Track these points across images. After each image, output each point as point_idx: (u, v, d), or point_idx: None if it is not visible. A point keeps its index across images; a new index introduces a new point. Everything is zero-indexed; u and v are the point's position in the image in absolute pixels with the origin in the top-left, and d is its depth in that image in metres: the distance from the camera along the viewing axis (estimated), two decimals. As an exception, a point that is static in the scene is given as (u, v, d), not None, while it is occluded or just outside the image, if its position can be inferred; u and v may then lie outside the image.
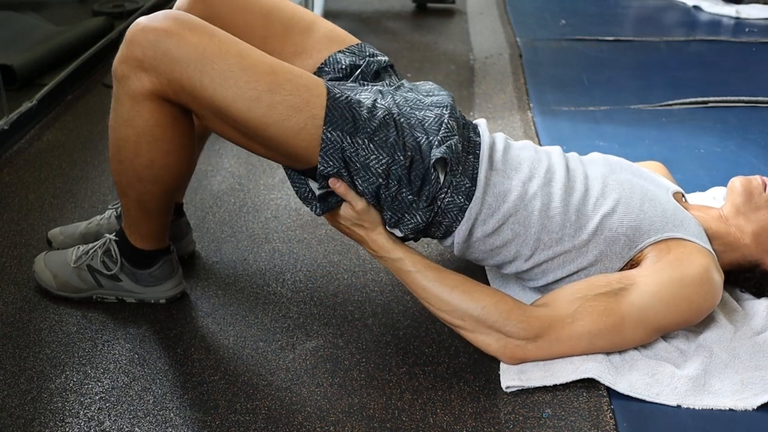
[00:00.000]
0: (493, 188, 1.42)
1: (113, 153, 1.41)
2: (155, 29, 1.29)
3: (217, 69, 1.28)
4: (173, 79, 1.29)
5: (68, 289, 1.58)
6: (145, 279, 1.56)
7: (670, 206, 1.47)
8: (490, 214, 1.42)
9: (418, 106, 1.44)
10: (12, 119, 2.26)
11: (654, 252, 1.40)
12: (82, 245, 1.60)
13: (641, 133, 2.32)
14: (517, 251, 1.45)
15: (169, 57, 1.28)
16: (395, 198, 1.38)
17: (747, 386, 1.32)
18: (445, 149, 1.36)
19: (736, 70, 2.95)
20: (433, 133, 1.39)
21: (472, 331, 1.37)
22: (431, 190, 1.38)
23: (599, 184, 1.46)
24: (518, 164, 1.45)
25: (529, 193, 1.42)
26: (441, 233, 1.45)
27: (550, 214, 1.42)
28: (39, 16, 3.02)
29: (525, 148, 1.50)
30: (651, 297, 1.34)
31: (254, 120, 1.31)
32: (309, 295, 1.65)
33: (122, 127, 1.37)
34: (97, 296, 1.59)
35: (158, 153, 1.38)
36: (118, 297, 1.59)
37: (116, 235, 1.55)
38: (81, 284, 1.57)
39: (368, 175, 1.35)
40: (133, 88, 1.32)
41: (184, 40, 1.28)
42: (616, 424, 1.26)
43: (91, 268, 1.56)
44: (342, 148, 1.32)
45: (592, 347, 1.36)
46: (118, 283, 1.57)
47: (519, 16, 3.58)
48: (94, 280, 1.57)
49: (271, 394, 1.38)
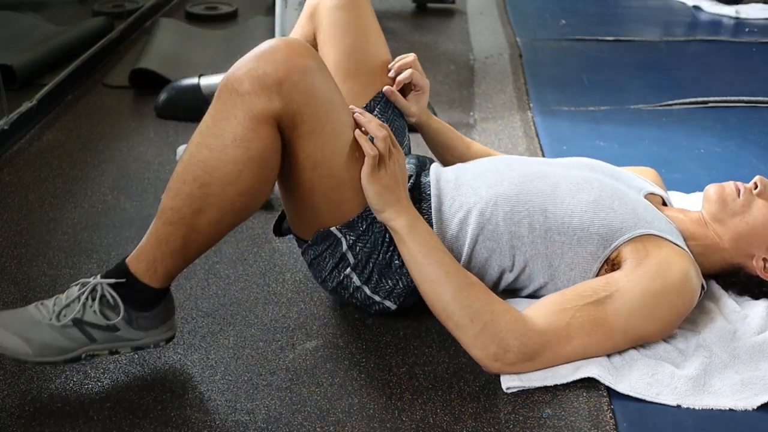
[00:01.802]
0: (450, 219, 1.45)
1: (197, 175, 1.25)
2: (306, 56, 1.26)
3: (339, 120, 1.30)
4: (301, 112, 1.25)
5: (50, 352, 1.31)
6: (146, 322, 1.36)
7: (640, 205, 1.48)
8: (459, 245, 1.45)
9: None
10: (12, 119, 2.26)
11: (633, 253, 1.40)
12: (47, 300, 1.34)
13: (641, 133, 2.32)
14: (499, 266, 1.46)
15: (308, 88, 1.25)
16: (388, 264, 1.43)
17: (747, 386, 1.32)
18: None
19: (736, 70, 2.96)
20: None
21: (474, 336, 1.32)
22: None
23: (566, 183, 1.47)
24: (473, 181, 1.48)
25: (489, 206, 1.44)
26: None
27: (515, 219, 1.43)
28: (39, 16, 3.02)
29: (481, 163, 1.55)
30: (635, 304, 1.35)
31: (340, 178, 1.35)
32: (309, 295, 1.65)
33: (231, 146, 1.24)
34: (86, 354, 1.34)
35: (259, 180, 1.28)
36: (111, 350, 1.35)
37: (111, 276, 1.33)
38: (68, 343, 1.31)
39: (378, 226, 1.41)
40: (260, 107, 1.23)
41: (326, 80, 1.28)
42: (616, 424, 1.26)
43: (80, 322, 1.31)
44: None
45: (586, 356, 1.37)
46: (114, 333, 1.34)
47: (519, 16, 3.58)
48: (85, 335, 1.32)
49: (271, 394, 1.38)
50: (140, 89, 2.68)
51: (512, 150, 2.23)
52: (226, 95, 1.24)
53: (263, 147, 1.25)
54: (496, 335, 1.32)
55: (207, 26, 3.42)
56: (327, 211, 1.40)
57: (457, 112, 2.61)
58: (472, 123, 2.52)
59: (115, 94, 2.69)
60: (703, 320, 1.49)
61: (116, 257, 1.74)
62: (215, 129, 1.24)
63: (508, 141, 2.30)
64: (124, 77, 2.74)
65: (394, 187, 1.37)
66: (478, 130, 2.45)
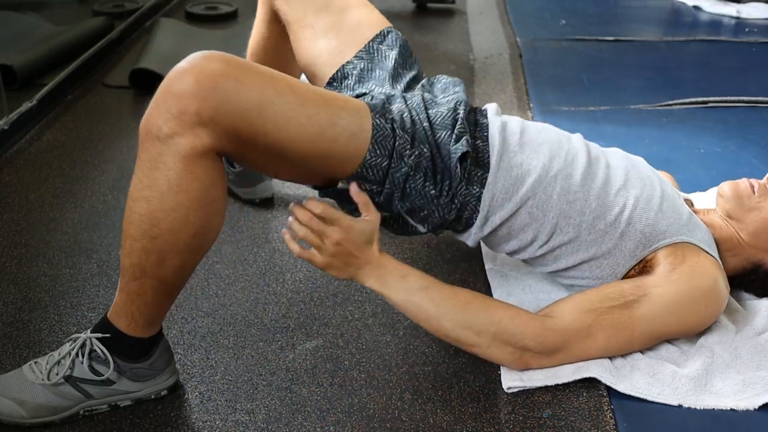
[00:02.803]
0: (507, 171, 1.39)
1: (144, 229, 1.19)
2: (210, 75, 1.15)
3: (278, 110, 1.19)
4: (233, 128, 1.16)
5: (45, 412, 1.29)
6: (143, 373, 1.33)
7: (685, 211, 1.48)
8: (507, 198, 1.39)
9: (433, 104, 1.43)
10: (12, 119, 2.26)
11: (668, 258, 1.39)
12: (39, 359, 1.32)
13: (641, 133, 2.32)
14: (534, 236, 1.42)
15: (230, 105, 1.15)
16: (419, 192, 1.35)
17: (748, 386, 1.32)
18: (464, 144, 1.35)
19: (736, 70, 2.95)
20: (448, 128, 1.38)
21: (487, 347, 1.33)
22: (451, 185, 1.36)
23: (621, 175, 1.45)
24: (537, 146, 1.43)
25: (548, 176, 1.40)
26: (462, 227, 1.43)
27: (569, 199, 1.40)
28: (39, 16, 3.02)
29: (545, 130, 1.49)
30: (662, 309, 1.35)
31: (317, 153, 1.26)
32: (309, 295, 1.65)
33: (168, 195, 1.17)
34: (84, 410, 1.31)
35: (209, 216, 1.22)
36: (111, 404, 1.33)
37: (98, 330, 1.30)
38: (63, 402, 1.29)
39: (401, 164, 1.32)
40: (188, 147, 1.15)
41: (241, 83, 1.16)
42: (616, 424, 1.26)
43: (73, 379, 1.29)
44: (389, 136, 1.30)
45: (602, 357, 1.37)
46: (110, 387, 1.31)
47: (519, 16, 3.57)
48: (80, 391, 1.30)
49: (271, 394, 1.38)
50: (140, 89, 2.68)
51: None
52: (149, 143, 1.17)
53: (201, 185, 1.18)
54: (509, 340, 1.32)
55: (207, 26, 3.42)
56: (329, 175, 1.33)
57: (457, 112, 2.60)
58: (472, 123, 2.52)
59: (115, 94, 2.69)
60: (704, 321, 1.49)
61: (116, 257, 1.75)
62: (147, 180, 1.18)
63: (508, 141, 2.30)
64: (124, 77, 2.74)
65: (349, 258, 1.31)
66: (478, 130, 2.45)
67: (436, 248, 1.83)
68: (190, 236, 1.21)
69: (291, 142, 1.22)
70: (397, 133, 1.32)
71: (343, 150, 1.28)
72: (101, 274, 1.70)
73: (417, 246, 1.82)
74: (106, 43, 2.96)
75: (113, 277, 1.68)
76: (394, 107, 1.38)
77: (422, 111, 1.40)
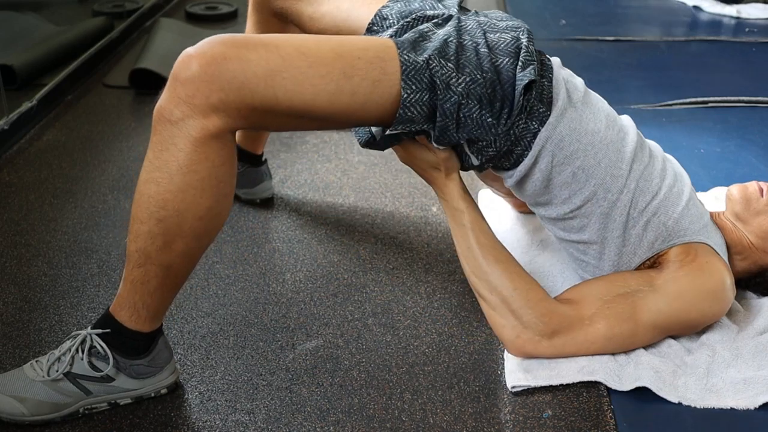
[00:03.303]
0: (567, 122, 1.38)
1: (151, 211, 1.21)
2: (214, 58, 1.17)
3: (287, 77, 1.20)
4: (244, 105, 1.18)
5: (46, 410, 1.29)
6: (143, 370, 1.32)
7: (706, 212, 1.49)
8: (559, 147, 1.37)
9: (493, 29, 1.38)
10: (12, 119, 2.26)
11: (680, 255, 1.40)
12: (41, 357, 1.33)
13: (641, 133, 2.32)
14: (568, 196, 1.41)
15: (236, 84, 1.17)
16: (475, 120, 1.31)
17: (749, 385, 1.32)
18: (531, 72, 1.31)
19: (736, 70, 2.95)
20: (511, 55, 1.33)
21: (493, 308, 1.38)
22: (511, 114, 1.32)
23: (660, 164, 1.46)
24: (597, 110, 1.43)
25: (602, 143, 1.39)
26: (510, 163, 1.41)
27: (614, 173, 1.39)
28: (39, 16, 3.02)
29: (601, 100, 1.49)
30: (667, 305, 1.36)
31: (339, 109, 1.25)
32: (309, 295, 1.65)
33: (177, 176, 1.19)
34: (84, 408, 1.32)
35: (217, 198, 1.23)
36: (110, 402, 1.33)
37: (98, 326, 1.31)
38: (63, 399, 1.29)
39: (449, 94, 1.28)
40: (198, 130, 1.17)
41: (244, 60, 1.18)
42: (616, 424, 1.26)
43: (72, 375, 1.29)
44: (423, 68, 1.27)
45: (604, 350, 1.37)
46: (109, 384, 1.31)
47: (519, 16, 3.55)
48: (80, 388, 1.30)
49: (271, 394, 1.38)
50: (140, 89, 2.68)
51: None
52: (161, 127, 1.19)
53: (210, 165, 1.20)
54: (515, 311, 1.35)
55: (207, 26, 3.42)
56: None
57: (457, 112, 2.61)
58: (472, 123, 2.52)
59: (115, 94, 2.69)
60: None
61: (116, 257, 1.75)
62: (158, 162, 1.20)
63: (508, 141, 2.30)
64: (124, 77, 2.74)
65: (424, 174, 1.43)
66: (478, 130, 2.45)
67: (436, 248, 1.83)
68: (197, 219, 1.22)
69: (309, 104, 1.22)
70: (432, 64, 1.27)
71: (367, 99, 1.26)
72: (101, 274, 1.70)
73: (417, 246, 1.83)
74: (106, 43, 2.96)
75: (113, 277, 1.68)
76: (441, 31, 1.33)
77: (480, 36, 1.34)
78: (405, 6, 1.47)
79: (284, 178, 2.10)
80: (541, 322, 1.34)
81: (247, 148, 1.89)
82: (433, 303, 1.63)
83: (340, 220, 1.93)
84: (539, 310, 1.35)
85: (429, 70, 1.27)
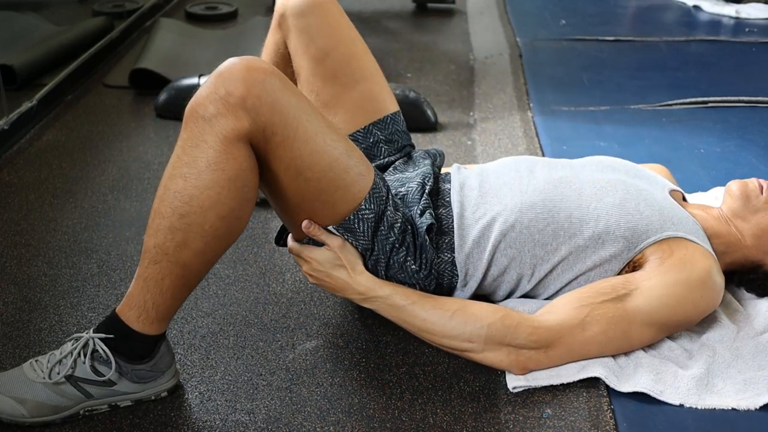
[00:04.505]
0: (472, 226, 1.45)
1: (175, 206, 1.22)
2: (261, 69, 1.22)
3: (311, 121, 1.27)
4: (270, 123, 1.22)
5: (46, 411, 1.29)
6: (145, 375, 1.32)
7: (667, 204, 1.48)
8: (479, 252, 1.44)
9: (406, 182, 1.52)
10: (12, 119, 2.26)
11: (656, 254, 1.40)
12: (41, 357, 1.32)
13: (641, 133, 2.32)
14: (518, 274, 1.46)
15: (271, 98, 1.22)
16: (402, 266, 1.40)
17: (750, 386, 1.32)
18: (428, 216, 1.42)
19: (736, 70, 2.95)
20: (416, 203, 1.46)
21: (481, 351, 1.35)
22: (427, 258, 1.41)
23: (591, 188, 1.47)
24: (497, 190, 1.48)
25: (513, 214, 1.44)
26: (446, 291, 1.47)
27: (539, 227, 1.43)
28: (39, 16, 3.02)
29: (505, 170, 1.53)
30: (656, 301, 1.36)
31: (330, 177, 1.31)
32: (309, 295, 1.65)
33: (206, 171, 1.21)
34: (84, 410, 1.31)
35: (240, 201, 1.24)
36: (111, 404, 1.33)
37: (102, 329, 1.31)
38: (63, 401, 1.29)
39: (390, 234, 1.38)
40: (229, 128, 1.20)
41: (285, 87, 1.25)
42: (616, 424, 1.26)
43: (74, 379, 1.29)
44: (383, 197, 1.37)
45: (602, 353, 1.37)
46: (111, 388, 1.31)
47: (519, 16, 3.58)
48: (80, 391, 1.30)
49: (271, 394, 1.38)
50: (140, 89, 2.68)
51: (512, 150, 2.23)
52: (192, 123, 1.22)
53: (238, 167, 1.22)
54: (502, 341, 1.34)
55: (207, 26, 3.42)
56: (322, 214, 1.36)
57: (457, 112, 2.61)
58: (472, 123, 2.52)
59: (115, 94, 2.69)
60: (707, 319, 1.48)
61: (116, 257, 1.75)
62: (187, 158, 1.22)
63: (508, 141, 2.30)
64: (124, 77, 2.74)
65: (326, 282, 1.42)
66: (478, 130, 2.46)
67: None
68: (219, 218, 1.23)
69: (313, 157, 1.28)
70: (389, 201, 1.39)
71: (350, 185, 1.34)
72: (101, 274, 1.70)
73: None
74: (106, 43, 2.96)
75: (113, 277, 1.68)
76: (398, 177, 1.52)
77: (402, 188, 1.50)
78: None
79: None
80: (531, 341, 1.33)
81: None
82: (433, 303, 1.63)
83: (340, 220, 1.93)
84: (523, 330, 1.33)
85: (385, 205, 1.37)
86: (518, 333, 1.33)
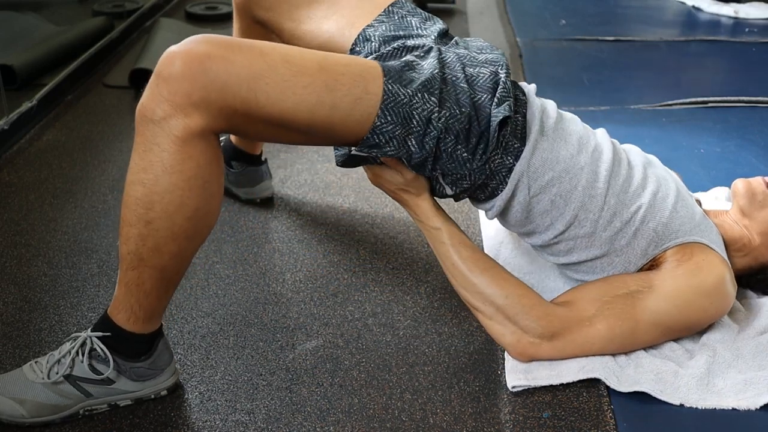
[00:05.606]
0: (541, 152, 1.38)
1: (139, 213, 1.19)
2: (197, 57, 1.15)
3: (270, 83, 1.19)
4: (226, 106, 1.17)
5: (45, 411, 1.29)
6: (143, 373, 1.32)
7: (698, 211, 1.48)
8: (534, 179, 1.38)
9: (472, 63, 1.38)
10: (12, 119, 2.26)
11: (676, 255, 1.40)
12: (40, 358, 1.33)
13: (641, 133, 2.32)
14: (551, 223, 1.42)
15: (219, 84, 1.15)
16: (451, 155, 1.32)
17: (750, 386, 1.32)
18: (506, 108, 1.32)
19: (736, 70, 2.95)
20: (488, 91, 1.34)
21: (490, 318, 1.38)
22: (486, 149, 1.33)
23: (640, 173, 1.45)
24: (568, 135, 1.42)
25: (575, 167, 1.40)
26: (485, 195, 1.42)
27: (592, 193, 1.40)
28: (39, 16, 3.02)
29: (574, 122, 1.48)
30: (667, 303, 1.36)
31: (319, 122, 1.24)
32: (309, 295, 1.65)
33: (163, 177, 1.18)
34: (84, 410, 1.31)
35: (205, 198, 1.22)
36: (110, 403, 1.33)
37: (98, 329, 1.30)
38: (63, 401, 1.29)
39: (430, 129, 1.29)
40: (181, 128, 1.16)
41: (229, 61, 1.16)
42: (616, 424, 1.26)
43: (73, 378, 1.29)
44: (404, 103, 1.27)
45: (605, 351, 1.37)
46: (110, 386, 1.31)
47: (519, 16, 3.57)
48: (80, 390, 1.30)
49: (271, 394, 1.38)
50: (140, 89, 2.67)
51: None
52: (143, 127, 1.18)
53: (196, 165, 1.18)
54: (511, 317, 1.35)
55: (207, 26, 3.41)
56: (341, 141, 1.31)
57: (457, 112, 2.60)
58: (472, 123, 2.52)
59: (115, 94, 2.69)
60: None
61: (116, 257, 1.75)
62: (143, 163, 1.19)
63: (508, 141, 2.30)
64: (124, 77, 2.74)
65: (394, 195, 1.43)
66: (478, 130, 2.45)
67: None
68: (186, 219, 1.21)
69: (289, 113, 1.21)
70: (414, 100, 1.28)
71: (347, 115, 1.25)
72: (101, 274, 1.70)
73: (417, 246, 1.83)
74: (106, 43, 2.96)
75: (113, 277, 1.68)
76: (425, 63, 1.33)
77: (459, 70, 1.35)
78: (388, 30, 1.48)
79: (284, 178, 2.10)
80: (539, 325, 1.34)
81: (245, 148, 1.89)
82: (433, 303, 1.63)
83: (340, 220, 1.93)
84: (535, 313, 1.35)
85: (409, 107, 1.27)
86: (530, 314, 1.34)
